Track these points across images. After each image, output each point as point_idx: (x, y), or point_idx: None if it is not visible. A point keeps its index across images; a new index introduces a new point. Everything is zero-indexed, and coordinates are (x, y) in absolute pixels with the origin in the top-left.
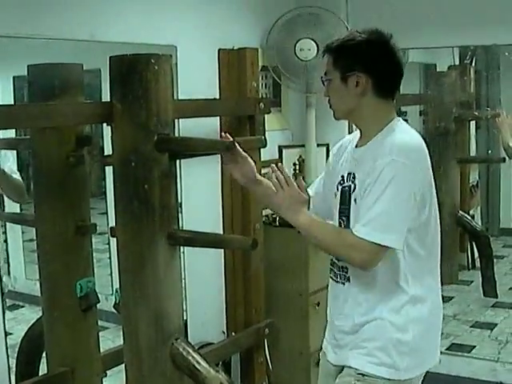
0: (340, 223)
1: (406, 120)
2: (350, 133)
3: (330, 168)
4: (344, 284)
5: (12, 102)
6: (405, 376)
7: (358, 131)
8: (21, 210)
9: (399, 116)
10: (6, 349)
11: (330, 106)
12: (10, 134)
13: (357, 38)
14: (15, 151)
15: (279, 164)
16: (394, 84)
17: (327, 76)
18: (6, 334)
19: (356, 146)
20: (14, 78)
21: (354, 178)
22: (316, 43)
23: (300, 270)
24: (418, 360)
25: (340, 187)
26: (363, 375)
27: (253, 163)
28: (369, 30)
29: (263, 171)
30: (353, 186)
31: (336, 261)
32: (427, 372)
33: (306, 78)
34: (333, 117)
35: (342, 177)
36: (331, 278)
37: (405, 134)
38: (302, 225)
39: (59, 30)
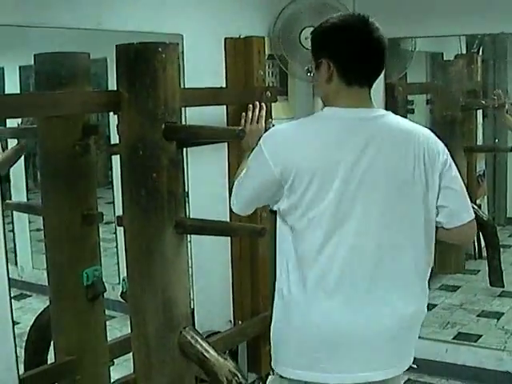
0: None
1: (412, 110)
2: None
3: None
4: None
5: (18, 92)
6: (279, 368)
7: None
8: (28, 199)
9: (395, 108)
10: (14, 338)
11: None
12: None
13: (323, 24)
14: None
15: (257, 103)
16: (360, 70)
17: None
18: (14, 323)
19: None
20: (20, 67)
21: None
22: None
23: None
24: (285, 356)
25: None
26: None
27: None
28: (339, 15)
29: None
30: None
31: None
32: (432, 361)
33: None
34: None
35: None
36: None
37: (295, 121)
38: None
39: (65, 19)
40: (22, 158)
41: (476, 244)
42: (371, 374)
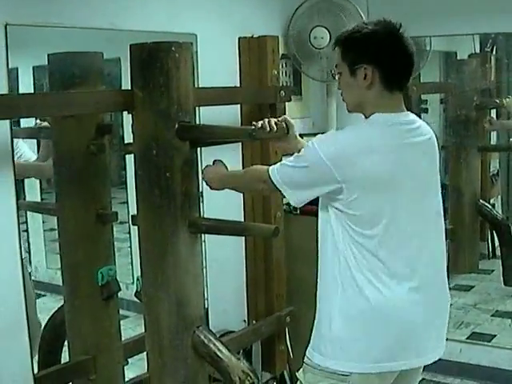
0: None
1: (426, 109)
2: None
3: None
4: None
5: (32, 92)
6: (333, 365)
7: None
8: (41, 199)
9: (409, 107)
10: (29, 337)
11: (343, 99)
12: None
13: (363, 29)
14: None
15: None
16: (401, 75)
17: (337, 69)
18: (28, 322)
19: None
20: (33, 68)
21: None
22: (329, 31)
23: None
24: (348, 352)
25: None
26: (305, 363)
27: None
28: (376, 21)
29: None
30: None
31: None
32: (446, 360)
33: (322, 66)
34: (346, 110)
35: None
36: None
37: (350, 129)
38: None
39: (79, 19)
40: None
41: (490, 243)
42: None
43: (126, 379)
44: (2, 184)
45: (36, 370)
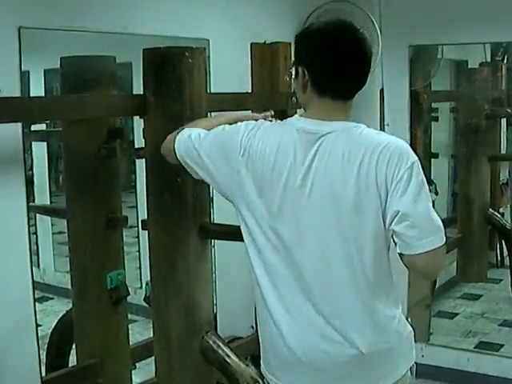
0: None
1: (436, 117)
2: (381, 128)
3: None
4: None
5: (43, 95)
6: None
7: None
8: (50, 202)
9: (420, 116)
10: (37, 341)
11: None
12: (40, 126)
13: (305, 30)
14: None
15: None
16: (332, 81)
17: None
18: (37, 325)
19: None
20: (45, 71)
21: None
22: None
23: None
24: (264, 358)
25: None
26: None
27: None
28: (323, 22)
29: None
30: None
31: None
32: (454, 370)
33: None
34: (355, 117)
35: None
36: None
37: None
38: None
39: (91, 23)
40: (46, 161)
41: (499, 253)
42: None
43: None
44: (12, 187)
45: (44, 373)
